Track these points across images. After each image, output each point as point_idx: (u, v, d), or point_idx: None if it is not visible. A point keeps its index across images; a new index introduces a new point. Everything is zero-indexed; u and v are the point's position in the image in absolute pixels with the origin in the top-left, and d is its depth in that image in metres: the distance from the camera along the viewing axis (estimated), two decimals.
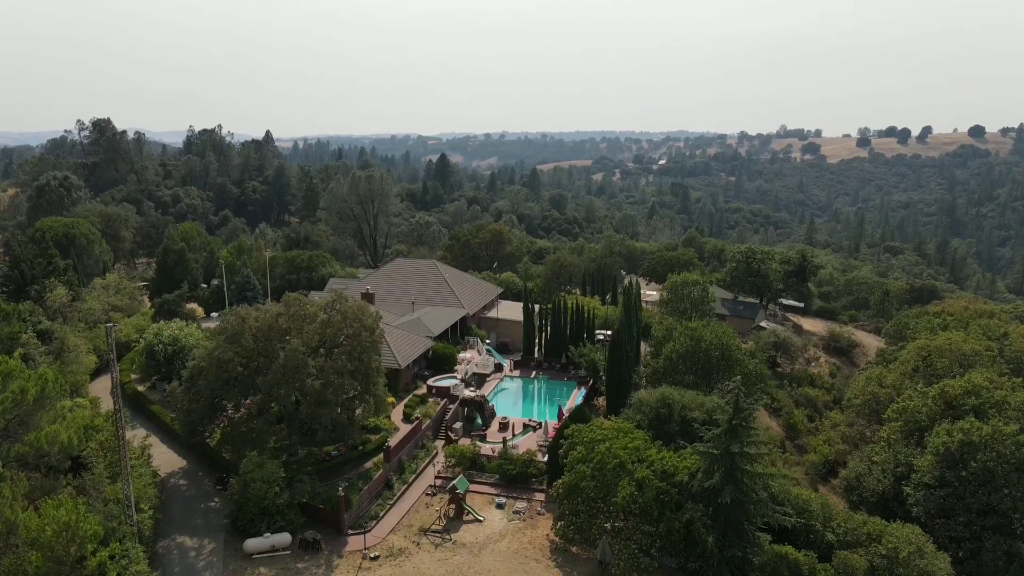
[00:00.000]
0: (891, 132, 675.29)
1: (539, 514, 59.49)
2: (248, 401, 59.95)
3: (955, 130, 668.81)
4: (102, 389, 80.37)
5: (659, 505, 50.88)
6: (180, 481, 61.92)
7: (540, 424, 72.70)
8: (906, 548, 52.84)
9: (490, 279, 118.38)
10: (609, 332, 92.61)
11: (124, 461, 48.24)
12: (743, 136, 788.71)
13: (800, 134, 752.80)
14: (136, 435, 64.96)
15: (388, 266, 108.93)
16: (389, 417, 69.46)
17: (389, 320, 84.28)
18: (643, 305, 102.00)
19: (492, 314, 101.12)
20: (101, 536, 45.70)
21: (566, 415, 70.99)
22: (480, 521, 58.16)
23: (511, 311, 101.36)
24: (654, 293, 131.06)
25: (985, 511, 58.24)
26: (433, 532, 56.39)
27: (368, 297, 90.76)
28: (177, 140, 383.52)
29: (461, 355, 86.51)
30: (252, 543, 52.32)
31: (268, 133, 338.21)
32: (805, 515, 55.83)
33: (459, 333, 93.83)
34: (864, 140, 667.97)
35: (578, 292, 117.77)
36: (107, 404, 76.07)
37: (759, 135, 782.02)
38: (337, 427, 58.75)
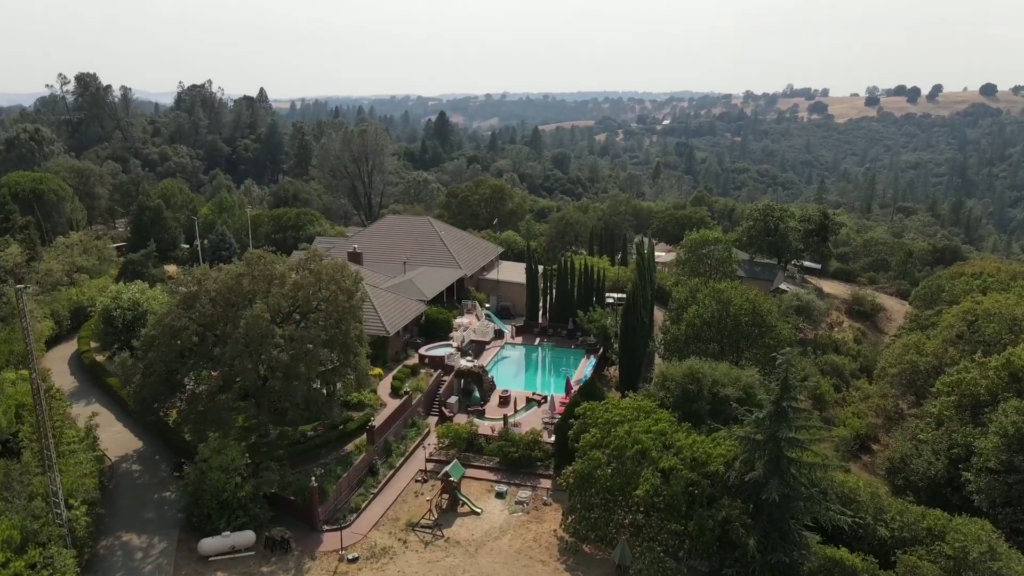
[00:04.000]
0: (900, 91, 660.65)
1: (545, 504, 51.71)
2: (216, 374, 52.07)
3: (965, 88, 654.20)
4: (59, 358, 72.85)
5: (688, 499, 43.02)
6: (133, 466, 54.00)
7: (545, 398, 64.77)
8: (976, 548, 45.05)
9: (490, 238, 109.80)
10: (620, 295, 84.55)
11: (47, 451, 40.16)
12: (748, 96, 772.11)
13: (807, 93, 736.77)
14: (83, 413, 57.00)
15: (378, 223, 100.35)
16: (375, 391, 61.50)
17: (377, 282, 76.13)
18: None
19: (492, 275, 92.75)
20: (18, 542, 38.01)
21: (575, 388, 63.11)
22: (477, 513, 50.45)
23: (513, 272, 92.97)
24: (662, 254, 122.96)
25: None
26: (423, 527, 48.63)
27: (355, 257, 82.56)
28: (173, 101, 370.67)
29: (457, 321, 78.27)
30: (208, 543, 44.54)
31: (262, 90, 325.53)
32: (852, 506, 48.00)
33: (455, 296, 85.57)
34: (873, 99, 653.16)
35: (585, 252, 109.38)
36: (60, 376, 68.48)
37: (765, 95, 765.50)
38: (311, 405, 50.72)
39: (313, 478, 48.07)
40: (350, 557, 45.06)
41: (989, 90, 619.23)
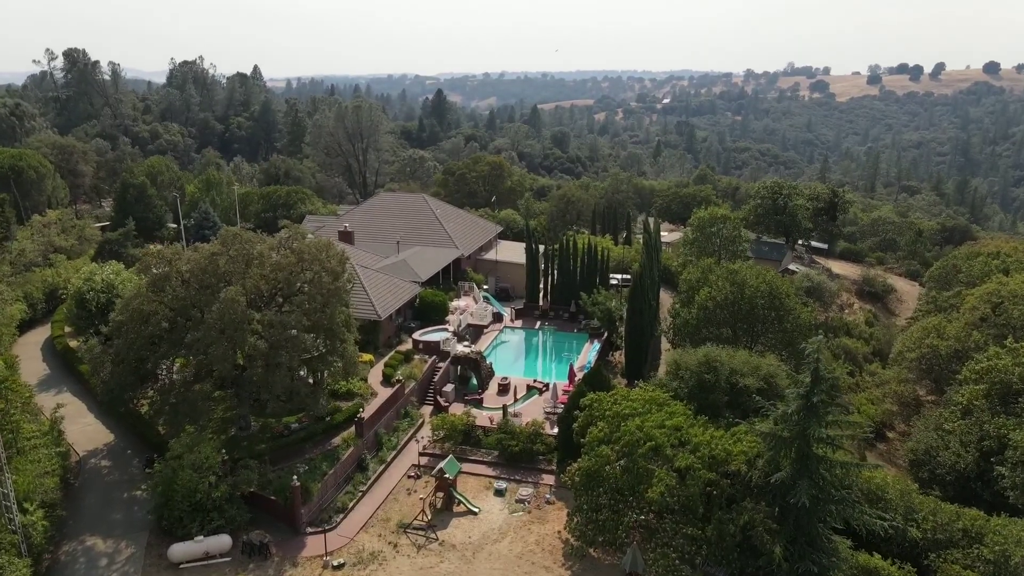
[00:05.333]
0: (903, 69, 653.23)
1: (548, 503, 47.84)
2: (192, 362, 48.03)
3: (968, 67, 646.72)
4: (32, 344, 68.84)
5: (706, 501, 39.14)
6: (102, 461, 50.00)
7: (547, 386, 60.85)
8: (1018, 551, 41.28)
9: (488, 216, 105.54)
10: (624, 276, 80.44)
11: None
12: (749, 74, 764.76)
13: (808, 72, 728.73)
14: (52, 402, 53.08)
15: (371, 201, 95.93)
16: (365, 379, 57.41)
17: (369, 262, 72.02)
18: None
19: (490, 255, 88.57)
20: None
21: (578, 375, 59.22)
22: (475, 513, 46.58)
23: (512, 252, 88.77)
24: (665, 234, 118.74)
25: None
26: (415, 529, 44.79)
27: (346, 236, 78.33)
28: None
29: (454, 303, 74.23)
30: (179, 549, 40.60)
31: (256, 67, 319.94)
32: (880, 505, 44.16)
33: (452, 277, 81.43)
34: (875, 77, 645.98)
35: (586, 232, 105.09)
36: (32, 363, 64.48)
37: (765, 73, 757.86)
38: (294, 395, 46.66)
39: (295, 476, 44.20)
40: (335, 563, 41.20)
41: (992, 68, 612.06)
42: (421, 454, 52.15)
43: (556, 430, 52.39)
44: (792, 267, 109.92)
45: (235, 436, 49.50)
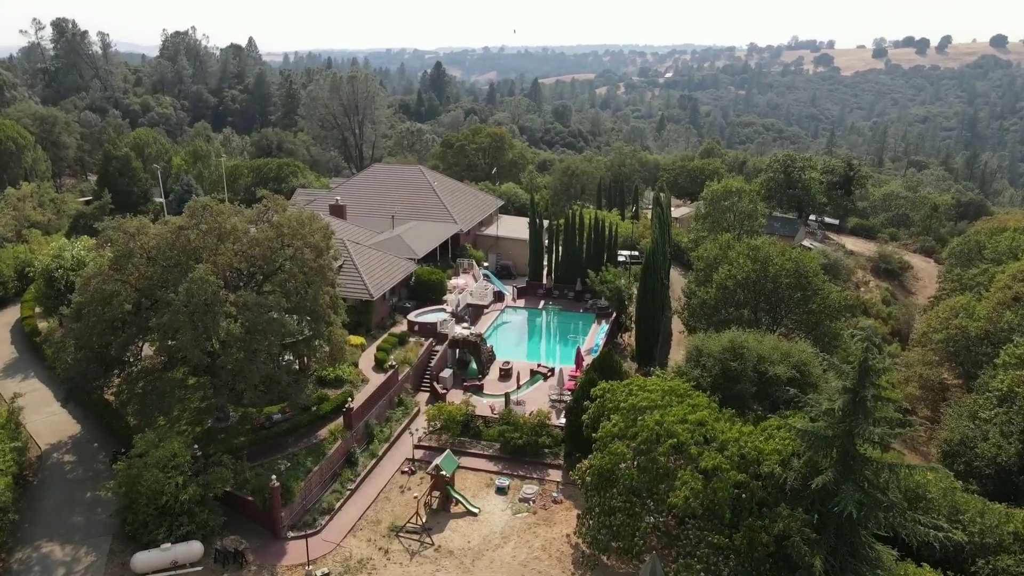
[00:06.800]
0: (909, 42, 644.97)
1: (555, 502, 43.51)
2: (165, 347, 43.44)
3: (975, 40, 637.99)
4: (2, 324, 64.36)
5: (734, 506, 34.77)
6: (66, 456, 45.51)
7: (552, 371, 56.47)
8: None
9: (489, 190, 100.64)
10: (633, 253, 75.90)
11: None
12: (752, 48, 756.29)
13: (812, 45, 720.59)
14: (16, 388, 48.76)
15: (365, 173, 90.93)
16: (356, 365, 52.96)
17: (361, 238, 67.42)
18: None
19: (491, 231, 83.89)
20: None
21: (586, 359, 54.80)
22: (474, 514, 42.26)
23: (514, 227, 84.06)
24: (672, 209, 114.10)
25: None
26: (409, 532, 40.50)
27: (338, 210, 73.69)
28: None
29: (452, 282, 69.55)
30: (144, 558, 36.18)
31: (251, 39, 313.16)
32: (921, 505, 39.87)
33: (450, 254, 76.76)
34: (880, 51, 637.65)
35: (592, 206, 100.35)
36: None
37: (769, 47, 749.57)
38: (273, 384, 42.19)
39: (274, 475, 39.81)
40: (319, 573, 36.93)
41: (999, 41, 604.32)
42: (416, 447, 47.75)
43: (563, 420, 48.14)
44: (806, 243, 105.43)
45: (212, 428, 45.11)
